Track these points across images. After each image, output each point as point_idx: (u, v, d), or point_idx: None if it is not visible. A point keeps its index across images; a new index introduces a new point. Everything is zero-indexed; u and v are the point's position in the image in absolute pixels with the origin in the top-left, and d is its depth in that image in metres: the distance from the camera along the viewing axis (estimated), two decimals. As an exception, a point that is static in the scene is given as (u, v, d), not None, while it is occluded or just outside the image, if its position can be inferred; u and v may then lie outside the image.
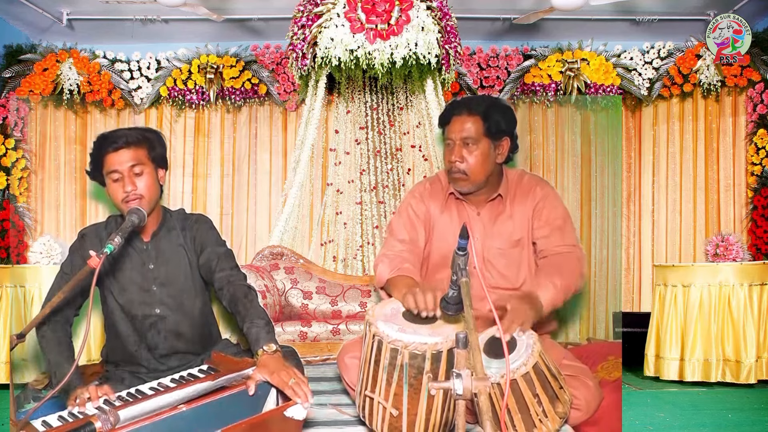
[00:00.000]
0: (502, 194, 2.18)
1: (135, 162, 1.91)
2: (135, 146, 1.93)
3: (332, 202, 4.05)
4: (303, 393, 1.57)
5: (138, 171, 1.91)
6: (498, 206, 2.19)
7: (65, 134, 4.13)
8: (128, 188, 1.89)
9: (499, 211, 2.19)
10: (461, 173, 2.10)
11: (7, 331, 3.30)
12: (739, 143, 4.00)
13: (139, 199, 1.90)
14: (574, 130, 4.25)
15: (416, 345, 1.63)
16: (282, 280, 3.62)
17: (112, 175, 1.91)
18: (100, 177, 1.98)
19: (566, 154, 4.25)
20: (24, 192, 3.96)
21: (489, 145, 2.10)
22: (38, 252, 3.61)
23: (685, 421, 2.56)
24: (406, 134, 4.08)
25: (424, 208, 2.23)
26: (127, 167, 1.90)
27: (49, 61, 3.91)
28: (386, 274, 2.05)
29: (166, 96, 4.02)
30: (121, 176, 1.90)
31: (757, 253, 3.73)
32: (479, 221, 2.18)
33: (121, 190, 1.90)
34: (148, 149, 1.97)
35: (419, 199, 2.25)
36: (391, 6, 3.02)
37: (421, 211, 2.23)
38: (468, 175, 2.10)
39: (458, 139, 2.10)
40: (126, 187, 1.89)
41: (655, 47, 4.11)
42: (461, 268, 1.51)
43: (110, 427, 1.41)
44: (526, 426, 1.66)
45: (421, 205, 2.23)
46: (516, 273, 2.16)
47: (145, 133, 1.99)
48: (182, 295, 2.01)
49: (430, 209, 2.23)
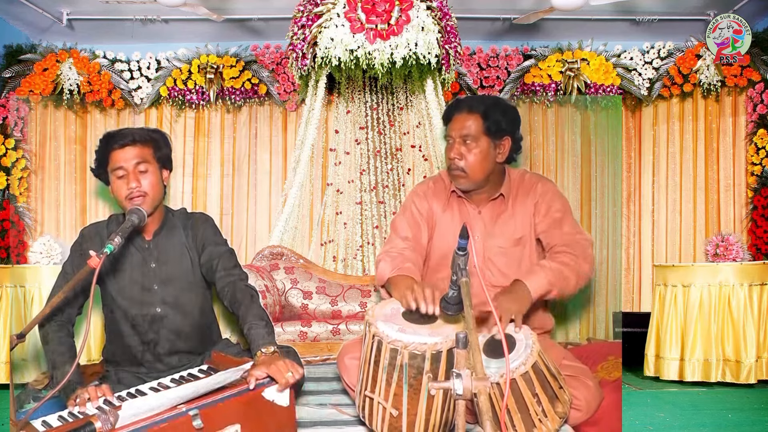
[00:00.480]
0: (504, 194, 2.18)
1: (140, 160, 1.93)
2: (141, 144, 1.96)
3: (332, 202, 4.05)
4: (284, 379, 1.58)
5: (143, 169, 1.94)
6: (500, 205, 2.19)
7: (65, 134, 4.13)
8: (132, 185, 1.91)
9: (501, 210, 2.19)
10: (460, 170, 2.11)
11: (7, 331, 3.30)
12: (739, 143, 4.00)
13: (143, 197, 1.92)
14: (574, 130, 4.25)
15: (416, 345, 1.63)
16: (282, 280, 3.62)
17: (117, 172, 1.93)
18: (104, 175, 1.99)
19: (566, 154, 4.25)
20: (24, 192, 3.96)
21: (489, 144, 2.10)
22: (38, 252, 3.61)
23: (685, 421, 2.56)
24: (406, 134, 4.07)
25: (427, 206, 2.23)
26: (132, 164, 1.92)
27: (49, 61, 3.91)
28: (387, 272, 2.04)
29: (166, 96, 4.02)
30: (126, 173, 1.92)
31: (757, 253, 3.73)
32: (480, 220, 2.18)
33: (126, 186, 1.91)
34: (153, 149, 1.99)
35: (422, 197, 2.25)
36: (391, 6, 3.02)
37: (424, 208, 2.23)
38: (467, 173, 2.10)
39: (458, 136, 2.11)
40: (130, 184, 1.91)
41: (655, 47, 4.11)
42: (461, 268, 1.51)
43: (110, 427, 1.41)
44: (526, 426, 1.66)
45: (424, 203, 2.24)
46: (517, 271, 2.16)
47: (151, 134, 2.02)
48: (183, 294, 2.01)
49: (433, 207, 2.23)
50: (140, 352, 1.98)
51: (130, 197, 1.91)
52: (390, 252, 2.14)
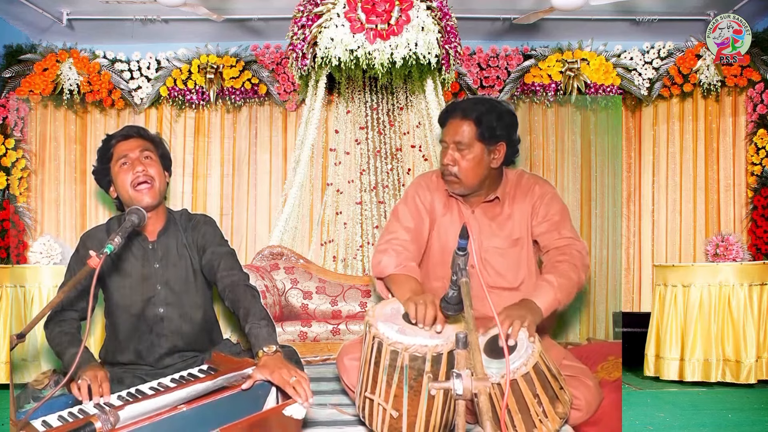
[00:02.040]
0: (499, 196, 2.17)
1: (145, 149, 1.99)
2: (145, 138, 2.03)
3: (332, 202, 4.05)
4: (303, 391, 1.57)
5: (147, 156, 1.98)
6: (495, 206, 2.18)
7: (65, 134, 4.13)
8: (138, 168, 1.94)
9: (497, 211, 2.18)
10: (453, 176, 2.09)
11: (7, 331, 3.30)
12: (739, 143, 4.00)
13: (149, 183, 1.95)
14: (574, 130, 4.25)
15: (417, 347, 1.62)
16: (282, 280, 3.62)
17: (122, 161, 1.97)
18: (105, 176, 2.01)
19: (566, 154, 4.25)
20: (24, 192, 3.96)
21: (482, 150, 2.08)
22: (38, 252, 3.61)
23: (685, 421, 2.56)
24: (406, 134, 4.08)
25: (430, 198, 2.22)
26: (137, 152, 1.97)
27: (49, 61, 3.91)
28: (391, 268, 2.02)
29: (166, 96, 4.02)
30: (130, 161, 1.96)
31: (757, 253, 3.73)
32: (474, 219, 2.17)
33: (131, 172, 1.94)
34: (156, 146, 2.06)
35: (426, 188, 2.23)
36: (391, 6, 3.02)
37: (427, 200, 2.21)
38: (460, 179, 2.09)
39: (451, 142, 2.09)
40: (136, 168, 1.94)
41: (655, 47, 4.11)
42: (461, 268, 1.51)
43: (110, 427, 1.41)
44: (526, 426, 1.66)
45: (427, 195, 2.22)
46: (515, 273, 2.16)
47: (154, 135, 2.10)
48: (186, 295, 2.02)
49: (435, 201, 2.22)
50: (140, 352, 1.99)
51: (136, 183, 1.94)
52: (393, 243, 2.11)
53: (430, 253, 2.23)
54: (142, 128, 2.07)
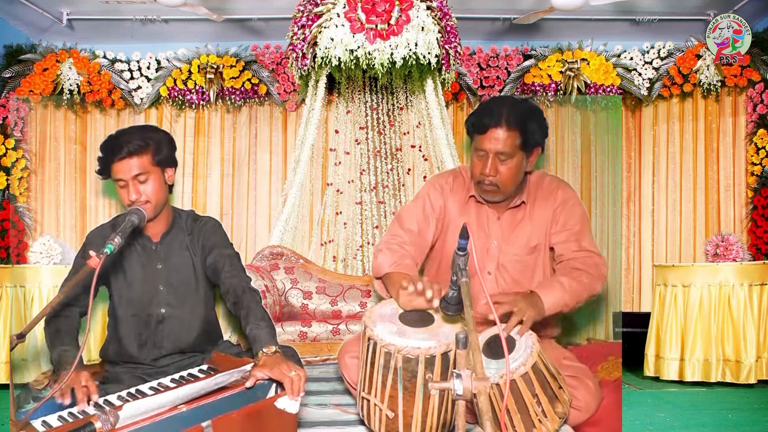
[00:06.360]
0: (525, 201, 2.14)
1: (139, 171, 1.93)
2: (138, 154, 1.93)
3: (332, 202, 4.05)
4: (295, 385, 1.58)
5: (142, 179, 1.94)
6: (520, 212, 2.15)
7: (65, 134, 4.13)
8: (133, 197, 1.93)
9: (520, 216, 2.14)
10: (493, 186, 2.04)
11: (7, 331, 3.31)
12: (739, 143, 4.00)
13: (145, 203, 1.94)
14: (574, 130, 4.25)
15: (409, 350, 1.62)
16: (282, 280, 3.62)
17: (119, 182, 1.96)
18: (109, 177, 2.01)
19: (566, 154, 4.25)
20: (24, 192, 3.96)
21: (522, 158, 2.04)
22: (38, 252, 3.61)
23: (685, 421, 2.56)
24: (406, 134, 4.08)
25: (441, 203, 2.18)
26: (131, 176, 1.92)
27: (49, 61, 3.91)
28: (386, 266, 2.01)
29: (166, 96, 4.02)
30: (126, 184, 1.94)
31: (757, 253, 3.73)
32: (498, 226, 2.14)
33: (127, 197, 1.94)
34: (153, 153, 1.96)
35: (439, 192, 2.19)
36: (391, 6, 3.02)
37: (438, 204, 2.18)
38: (499, 188, 2.04)
39: (492, 152, 2.00)
40: (131, 196, 1.93)
41: (655, 47, 4.11)
42: (461, 268, 1.51)
43: (110, 427, 1.41)
44: (526, 426, 1.66)
45: (439, 199, 2.18)
46: (530, 279, 2.14)
47: (149, 137, 1.97)
48: (188, 295, 2.03)
49: (448, 205, 2.18)
50: (141, 352, 1.99)
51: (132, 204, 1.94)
52: (391, 244, 2.09)
53: (443, 256, 2.19)
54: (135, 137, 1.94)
